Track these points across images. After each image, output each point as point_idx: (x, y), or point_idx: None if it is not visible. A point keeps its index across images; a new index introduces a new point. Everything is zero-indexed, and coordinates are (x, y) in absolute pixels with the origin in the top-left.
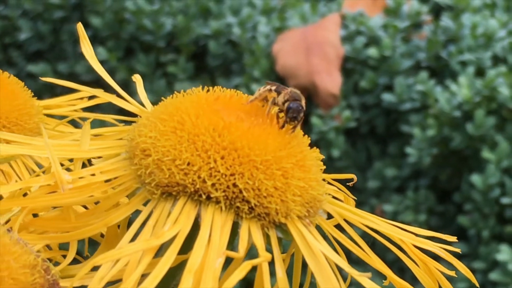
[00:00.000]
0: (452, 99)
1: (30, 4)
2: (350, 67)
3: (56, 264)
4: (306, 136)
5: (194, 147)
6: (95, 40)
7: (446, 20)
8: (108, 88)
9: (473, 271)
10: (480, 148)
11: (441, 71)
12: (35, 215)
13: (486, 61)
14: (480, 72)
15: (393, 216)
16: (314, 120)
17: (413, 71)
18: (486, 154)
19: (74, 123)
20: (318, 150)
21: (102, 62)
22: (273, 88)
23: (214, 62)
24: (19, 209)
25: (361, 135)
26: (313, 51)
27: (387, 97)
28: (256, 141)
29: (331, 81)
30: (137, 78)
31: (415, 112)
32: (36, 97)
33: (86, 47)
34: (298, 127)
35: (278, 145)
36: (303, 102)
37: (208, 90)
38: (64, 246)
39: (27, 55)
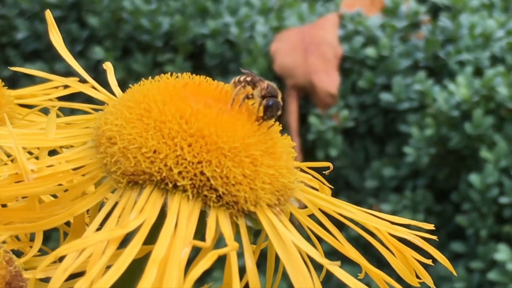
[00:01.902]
0: (450, 98)
1: (27, 3)
2: (348, 66)
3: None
4: (278, 123)
5: (161, 135)
6: (92, 39)
7: (444, 20)
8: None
9: (471, 270)
10: (478, 148)
11: (439, 71)
12: (3, 206)
13: (484, 61)
14: (478, 72)
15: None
16: (312, 119)
17: (411, 71)
18: (484, 153)
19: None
20: (289, 137)
21: (99, 62)
22: (248, 79)
23: (211, 62)
24: None
25: (359, 134)
26: (311, 50)
27: (385, 96)
28: (224, 128)
29: (329, 81)
30: (108, 66)
31: (413, 112)
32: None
33: (54, 35)
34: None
35: (247, 132)
36: (280, 97)
37: (177, 77)
38: (33, 238)
39: (24, 55)
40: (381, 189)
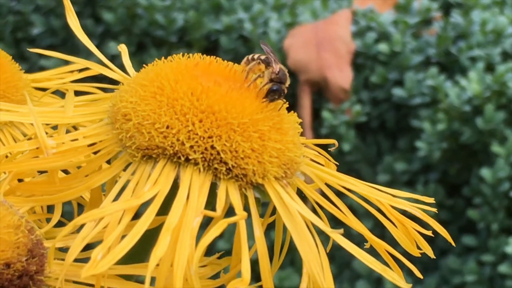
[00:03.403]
0: (462, 94)
1: None
2: (361, 62)
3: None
4: (284, 100)
5: (173, 111)
6: (107, 35)
7: (456, 17)
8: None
9: (483, 264)
10: (490, 142)
11: (451, 67)
12: (20, 180)
13: (495, 57)
14: (489, 68)
15: (402, 210)
16: (325, 114)
17: (423, 67)
18: (496, 148)
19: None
20: (295, 114)
21: (114, 57)
22: (262, 58)
23: (225, 57)
24: (5, 176)
25: (371, 129)
26: (324, 46)
27: (398, 92)
28: (233, 105)
29: (342, 76)
30: (122, 48)
31: (425, 107)
32: None
33: (72, 19)
34: None
35: (255, 108)
36: (287, 84)
37: (188, 57)
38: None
39: None
40: (393, 183)
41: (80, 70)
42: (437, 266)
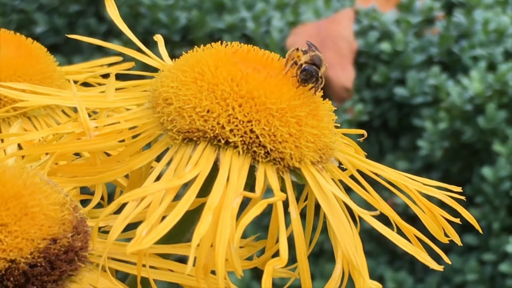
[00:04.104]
0: (464, 93)
1: None
2: (363, 61)
3: None
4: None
5: (214, 96)
6: (110, 33)
7: (458, 16)
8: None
9: (484, 263)
10: (491, 141)
11: (453, 66)
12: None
13: (497, 56)
14: (491, 67)
15: (405, 209)
16: None
17: (425, 66)
18: (497, 147)
19: None
20: (330, 102)
21: (117, 56)
22: (303, 49)
23: None
24: (48, 157)
25: (373, 128)
26: (326, 45)
27: (399, 91)
28: (272, 91)
29: (344, 75)
30: (158, 38)
31: (427, 106)
32: None
33: (111, 7)
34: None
35: (293, 94)
36: (323, 69)
37: (226, 45)
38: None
39: None
40: None
41: (109, 65)
42: (439, 264)
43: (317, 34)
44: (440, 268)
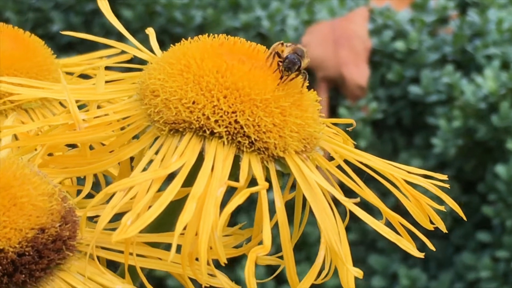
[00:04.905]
0: (478, 91)
1: None
2: (377, 59)
3: None
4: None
5: (199, 87)
6: None
7: (472, 15)
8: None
9: (497, 260)
10: (505, 140)
11: (467, 65)
12: (49, 155)
13: (511, 55)
14: (505, 66)
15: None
16: (342, 111)
17: (439, 64)
18: (511, 145)
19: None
20: (315, 92)
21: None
22: (287, 44)
23: None
24: (39, 149)
25: (387, 126)
26: (341, 43)
27: (414, 89)
28: (256, 82)
29: (358, 73)
30: (150, 32)
31: (441, 104)
32: None
33: (103, 2)
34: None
35: (277, 85)
36: (306, 61)
37: (213, 37)
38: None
39: (59, 47)
40: None
41: (108, 57)
42: (452, 262)
43: (331, 32)
44: (421, 255)
